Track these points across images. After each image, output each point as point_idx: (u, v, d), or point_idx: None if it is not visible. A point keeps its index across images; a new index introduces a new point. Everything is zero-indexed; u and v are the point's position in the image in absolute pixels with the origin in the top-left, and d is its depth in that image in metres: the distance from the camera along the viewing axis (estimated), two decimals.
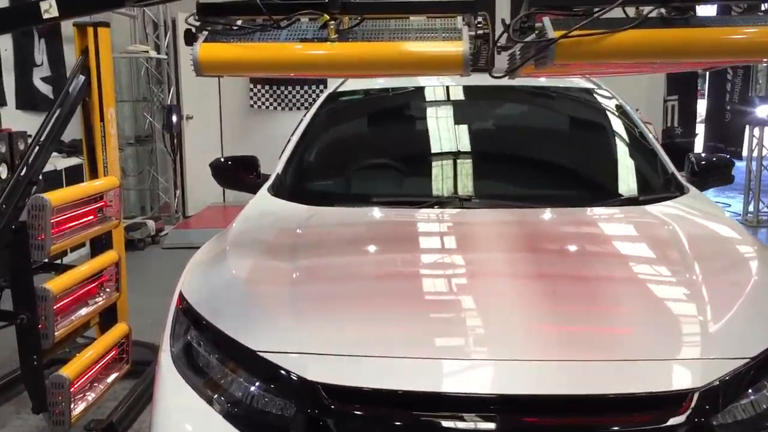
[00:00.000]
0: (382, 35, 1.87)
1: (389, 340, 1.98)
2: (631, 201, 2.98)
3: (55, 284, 2.87)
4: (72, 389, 2.93)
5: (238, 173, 3.54)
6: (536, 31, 1.82)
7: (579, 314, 2.07)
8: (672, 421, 1.75)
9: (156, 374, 2.23)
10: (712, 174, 3.41)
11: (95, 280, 3.28)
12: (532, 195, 3.00)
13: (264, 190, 3.21)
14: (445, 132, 3.49)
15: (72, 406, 2.92)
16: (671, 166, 3.26)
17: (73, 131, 4.53)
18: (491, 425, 1.74)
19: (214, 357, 2.11)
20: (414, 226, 2.80)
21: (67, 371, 2.92)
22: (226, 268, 2.47)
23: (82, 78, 3.93)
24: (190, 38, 1.89)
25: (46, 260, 3.04)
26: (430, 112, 3.66)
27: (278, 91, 9.60)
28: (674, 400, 1.77)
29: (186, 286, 2.42)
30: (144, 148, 8.97)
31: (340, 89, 3.80)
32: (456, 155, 3.28)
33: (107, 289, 3.38)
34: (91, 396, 3.13)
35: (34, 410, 2.90)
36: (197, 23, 1.91)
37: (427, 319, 2.09)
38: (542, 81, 3.72)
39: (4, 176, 3.12)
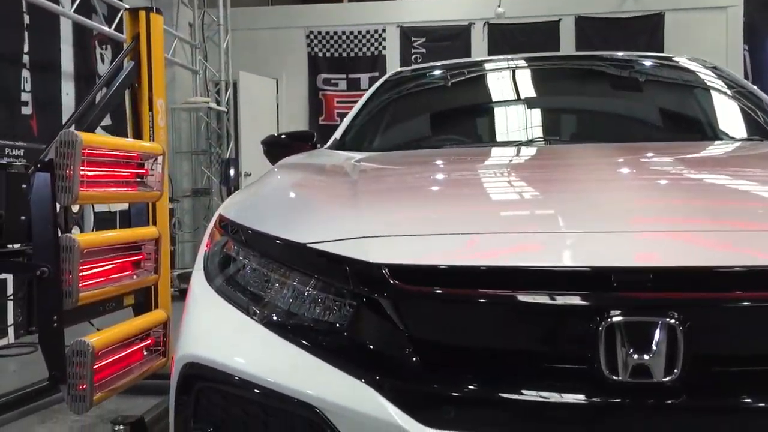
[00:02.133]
0: None
1: (469, 217, 1.54)
2: (747, 139, 2.54)
3: (82, 237, 2.52)
4: (96, 364, 2.52)
5: (292, 147, 3.19)
6: None
7: (701, 188, 1.61)
8: None
9: (187, 295, 1.82)
10: None
11: (131, 254, 2.92)
12: (633, 135, 2.57)
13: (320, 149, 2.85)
14: (526, 90, 3.10)
15: (95, 383, 2.50)
16: None
17: None
18: (596, 303, 1.26)
19: (254, 262, 1.68)
20: (493, 152, 2.39)
21: (92, 339, 2.52)
22: (273, 182, 2.09)
23: (132, 63, 3.75)
24: None
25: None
26: (506, 77, 3.28)
27: None
28: None
29: (225, 208, 2.04)
30: (200, 201, 8.82)
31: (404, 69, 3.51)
32: (538, 107, 2.87)
33: (144, 269, 3.00)
34: (119, 382, 2.70)
35: (51, 382, 2.48)
36: None
37: (511, 196, 1.67)
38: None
39: None
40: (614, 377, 1.22)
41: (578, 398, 1.24)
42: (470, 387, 1.29)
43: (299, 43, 9.92)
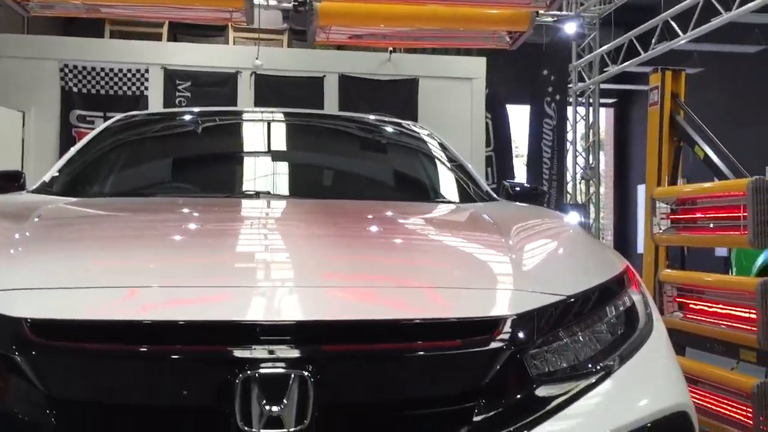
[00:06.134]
0: None
1: (126, 270, 1.54)
2: (438, 202, 2.81)
3: None
4: None
5: None
6: None
7: (374, 247, 1.75)
8: (482, 347, 1.40)
9: None
10: (527, 201, 3.31)
11: None
12: (339, 192, 2.73)
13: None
14: (242, 143, 3.18)
15: None
16: (485, 185, 3.13)
17: None
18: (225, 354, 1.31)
19: None
20: (194, 204, 2.40)
21: None
22: None
23: None
24: None
25: None
26: (228, 128, 3.34)
27: None
28: (486, 326, 1.43)
29: None
30: None
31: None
32: (252, 161, 2.95)
33: None
34: None
35: None
36: None
37: (177, 248, 1.69)
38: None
39: None
40: (247, 428, 1.25)
41: None
42: None
43: (52, 76, 9.30)
